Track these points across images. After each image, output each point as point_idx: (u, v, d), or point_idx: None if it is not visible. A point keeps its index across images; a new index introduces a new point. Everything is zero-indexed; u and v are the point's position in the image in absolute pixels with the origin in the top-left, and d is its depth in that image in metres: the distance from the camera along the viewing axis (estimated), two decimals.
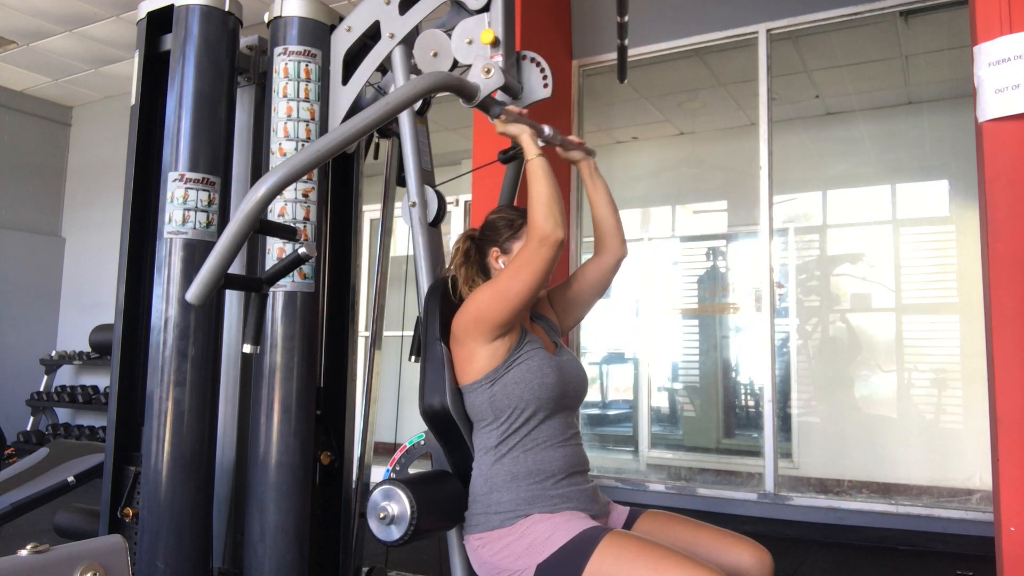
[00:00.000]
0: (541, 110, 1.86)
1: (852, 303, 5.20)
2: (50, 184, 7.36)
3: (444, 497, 1.58)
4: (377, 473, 2.06)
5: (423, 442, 1.69)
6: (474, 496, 1.56)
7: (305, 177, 1.95)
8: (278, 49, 2.04)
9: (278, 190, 1.39)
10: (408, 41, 1.95)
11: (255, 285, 1.70)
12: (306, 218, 1.99)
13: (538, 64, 1.87)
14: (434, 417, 1.60)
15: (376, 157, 2.42)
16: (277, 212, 1.97)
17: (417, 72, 1.89)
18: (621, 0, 2.31)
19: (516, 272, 1.51)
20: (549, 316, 1.78)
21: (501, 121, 1.62)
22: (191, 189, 1.95)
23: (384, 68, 2.05)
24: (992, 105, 1.84)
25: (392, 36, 1.96)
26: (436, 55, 1.84)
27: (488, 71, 1.69)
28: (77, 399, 6.48)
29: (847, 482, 4.68)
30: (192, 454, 1.90)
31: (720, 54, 4.74)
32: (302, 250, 1.66)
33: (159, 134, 2.04)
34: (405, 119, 1.87)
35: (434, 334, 1.63)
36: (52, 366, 6.78)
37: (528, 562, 1.44)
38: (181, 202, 1.94)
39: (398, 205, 2.16)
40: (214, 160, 2.00)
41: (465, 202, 5.53)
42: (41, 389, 6.71)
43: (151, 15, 2.10)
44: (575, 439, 1.62)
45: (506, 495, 1.52)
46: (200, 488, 1.92)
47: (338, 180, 2.30)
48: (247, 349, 1.66)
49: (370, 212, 3.76)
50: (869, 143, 5.31)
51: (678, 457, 5.49)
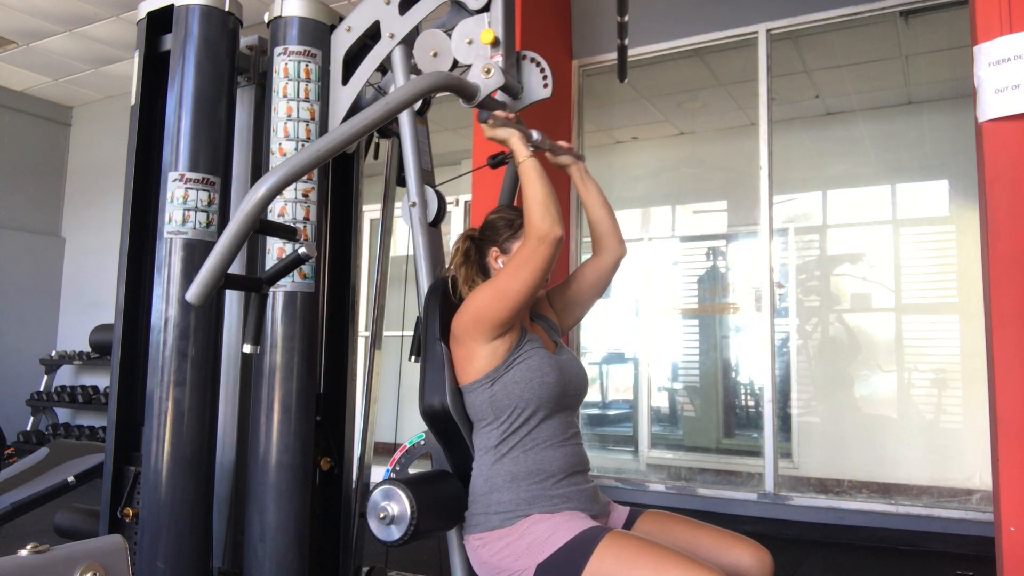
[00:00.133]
0: (541, 110, 1.86)
1: (852, 303, 5.19)
2: (50, 184, 7.36)
3: (444, 497, 1.58)
4: (377, 473, 2.06)
5: (423, 442, 1.69)
6: (474, 496, 1.56)
7: (305, 177, 1.95)
8: (278, 49, 2.04)
9: (278, 190, 1.40)
10: (408, 41, 1.95)
11: (255, 285, 1.70)
12: (306, 218, 1.99)
13: (538, 64, 1.87)
14: (434, 417, 1.60)
15: (376, 157, 2.42)
16: (277, 212, 1.97)
17: (417, 72, 1.89)
18: (621, 0, 2.31)
19: (515, 271, 1.51)
20: (549, 316, 1.78)
21: (489, 126, 1.62)
22: (191, 189, 1.95)
23: (384, 68, 2.05)
24: (992, 105, 1.84)
25: (392, 36, 1.96)
26: (436, 55, 1.84)
27: (488, 71, 1.69)
28: (77, 399, 6.47)
29: (847, 482, 4.67)
30: (192, 454, 1.90)
31: (720, 54, 4.73)
32: (302, 250, 1.66)
33: (159, 134, 2.04)
34: (405, 119, 1.87)
35: (434, 334, 1.63)
36: (52, 366, 6.77)
37: (528, 562, 1.44)
38: (181, 202, 1.94)
39: (398, 205, 2.16)
40: (214, 160, 2.00)
41: (465, 202, 5.53)
42: (41, 389, 6.71)
43: (151, 15, 2.10)
44: (575, 439, 1.62)
45: (506, 495, 1.52)
46: (200, 488, 1.92)
47: (338, 180, 2.30)
48: (247, 349, 1.66)
49: (370, 212, 3.76)
50: (869, 143, 5.31)
51: (678, 457, 5.48)
